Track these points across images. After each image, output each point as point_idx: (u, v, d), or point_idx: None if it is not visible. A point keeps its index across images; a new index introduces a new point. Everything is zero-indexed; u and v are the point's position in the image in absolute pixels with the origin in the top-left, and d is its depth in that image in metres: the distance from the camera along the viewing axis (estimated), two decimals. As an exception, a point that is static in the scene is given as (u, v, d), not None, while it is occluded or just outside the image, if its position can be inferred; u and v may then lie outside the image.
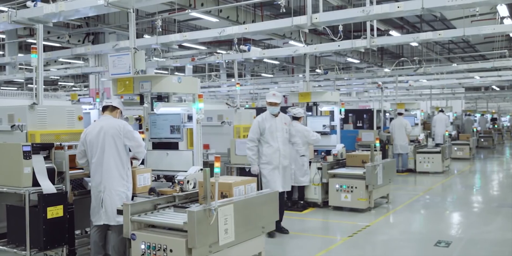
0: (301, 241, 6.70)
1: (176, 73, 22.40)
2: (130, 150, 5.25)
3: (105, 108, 5.35)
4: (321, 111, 10.34)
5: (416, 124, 15.28)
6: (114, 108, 5.31)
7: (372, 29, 9.68)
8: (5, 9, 6.98)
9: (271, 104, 6.82)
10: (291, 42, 14.90)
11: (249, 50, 10.44)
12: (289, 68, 26.05)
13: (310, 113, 10.03)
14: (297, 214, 8.30)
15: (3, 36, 16.80)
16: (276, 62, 22.97)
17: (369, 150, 8.58)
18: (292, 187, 8.56)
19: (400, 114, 13.67)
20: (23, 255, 5.11)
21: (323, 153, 9.28)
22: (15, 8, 6.49)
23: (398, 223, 7.96)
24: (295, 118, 8.55)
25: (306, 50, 10.40)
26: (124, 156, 5.12)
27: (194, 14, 11.44)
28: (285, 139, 6.91)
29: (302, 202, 8.65)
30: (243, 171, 7.99)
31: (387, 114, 15.28)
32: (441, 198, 10.16)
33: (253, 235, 4.88)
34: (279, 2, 7.17)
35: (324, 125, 9.38)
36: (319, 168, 8.60)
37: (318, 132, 8.83)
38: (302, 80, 20.01)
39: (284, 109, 9.54)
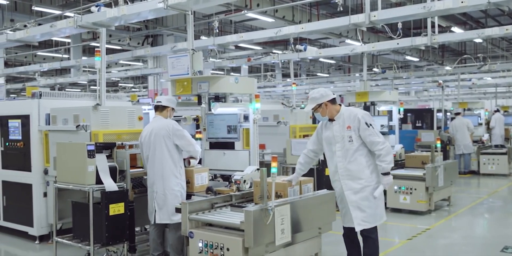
0: (358, 243, 6.57)
1: (232, 73, 22.63)
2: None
3: (156, 109, 5.48)
4: (378, 111, 10.13)
5: (480, 124, 14.66)
6: (164, 108, 5.42)
7: (433, 26, 9.36)
8: (71, 14, 7.28)
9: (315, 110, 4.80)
10: (348, 40, 14.69)
11: (305, 49, 10.37)
12: (345, 67, 25.72)
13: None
14: (354, 215, 8.16)
15: (69, 40, 17.58)
16: (332, 62, 22.74)
17: (429, 151, 8.32)
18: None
19: (457, 114, 13.17)
20: (87, 250, 5.34)
21: (380, 154, 9.08)
22: (80, 13, 6.77)
23: (460, 227, 7.66)
24: None
25: (363, 49, 10.21)
26: (176, 155, 5.23)
27: (250, 14, 11.52)
28: (349, 151, 4.66)
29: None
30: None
31: (448, 114, 14.75)
32: (507, 202, 9.68)
33: (310, 236, 4.84)
34: (336, 1, 7.08)
35: (382, 125, 9.17)
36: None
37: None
38: (359, 80, 19.72)
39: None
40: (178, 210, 4.58)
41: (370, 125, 4.58)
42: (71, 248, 5.71)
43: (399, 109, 9.42)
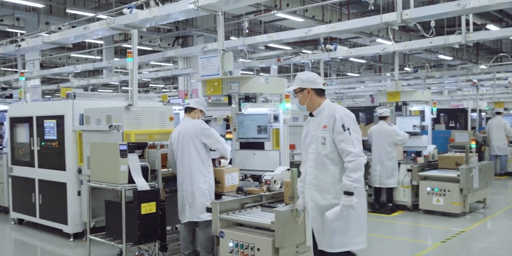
0: (389, 245, 6.49)
1: (261, 73, 22.64)
2: (212, 150, 5.38)
3: (185, 110, 5.56)
4: (410, 111, 9.97)
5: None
6: (192, 109, 5.47)
7: (467, 24, 9.15)
8: (104, 17, 7.40)
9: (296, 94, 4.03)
10: (379, 40, 14.51)
11: (335, 49, 10.29)
12: (376, 66, 25.40)
13: (399, 113, 9.72)
14: (385, 217, 8.06)
15: (101, 42, 17.91)
16: (363, 61, 22.49)
17: (463, 152, 8.13)
18: (380, 189, 8.37)
19: (498, 113, 12.83)
20: (119, 248, 5.42)
21: (413, 154, 8.95)
22: (113, 15, 6.88)
23: (496, 230, 7.45)
24: (382, 118, 8.36)
25: (395, 48, 10.06)
26: (204, 154, 5.27)
27: (280, 14, 11.49)
28: (320, 155, 3.82)
29: (390, 204, 8.39)
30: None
31: (483, 114, 14.38)
32: (545, 204, 9.39)
33: (340, 237, 4.79)
34: (367, 0, 7.00)
35: (414, 125, 9.03)
36: (408, 170, 8.30)
37: (407, 132, 8.54)
38: (390, 79, 19.44)
39: (371, 109, 9.35)
40: (208, 210, 4.61)
41: (348, 129, 3.70)
42: (104, 245, 5.81)
43: (432, 109, 9.26)
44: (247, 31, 9.04)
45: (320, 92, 3.93)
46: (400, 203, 8.45)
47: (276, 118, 5.81)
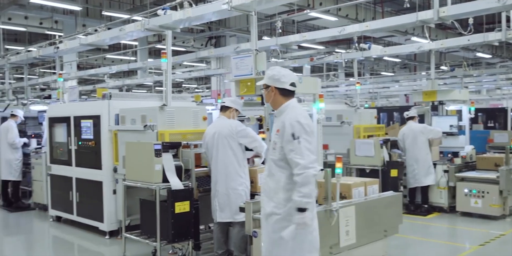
0: (425, 247, 6.37)
1: (294, 73, 22.52)
2: (247, 149, 5.38)
3: (220, 109, 5.58)
4: (447, 110, 9.75)
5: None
6: (227, 108, 5.49)
7: (508, 20, 8.86)
8: (139, 18, 7.51)
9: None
10: (414, 38, 14.24)
11: (369, 48, 10.14)
12: (411, 65, 24.96)
13: (435, 113, 9.53)
14: (421, 218, 7.91)
15: (136, 43, 18.20)
16: (397, 60, 22.13)
17: (502, 153, 7.90)
18: (415, 189, 8.23)
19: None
20: (154, 246, 5.49)
21: (449, 155, 8.76)
22: (147, 17, 6.97)
23: (538, 234, 7.22)
24: (409, 118, 8.36)
25: (431, 46, 9.83)
26: (240, 155, 5.27)
27: (313, 14, 11.42)
28: (270, 160, 3.68)
29: (426, 206, 8.23)
30: (363, 172, 7.81)
31: (525, 113, 13.92)
32: None
33: (375, 238, 4.74)
34: (402, -3, 6.88)
35: (451, 125, 8.84)
36: (445, 171, 8.13)
37: (444, 132, 8.39)
38: (425, 78, 19.05)
39: (406, 109, 9.19)
40: (242, 210, 4.61)
41: (298, 138, 3.39)
42: (138, 243, 5.89)
43: (469, 109, 9.06)
44: (280, 30, 9.01)
45: (286, 92, 3.66)
46: (436, 205, 8.28)
47: (309, 118, 5.76)
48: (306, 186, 3.35)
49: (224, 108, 5.52)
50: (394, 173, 7.59)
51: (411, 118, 8.43)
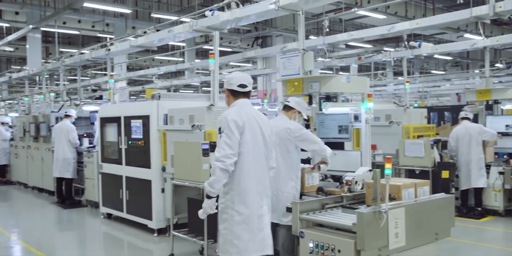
0: (478, 251, 6.15)
1: (340, 72, 22.32)
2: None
3: (283, 107, 5.32)
4: (502, 110, 9.38)
5: None
6: (290, 108, 5.22)
7: None
8: (187, 20, 7.61)
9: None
10: (467, 35, 13.79)
11: (419, 46, 9.89)
12: (463, 63, 24.19)
13: (490, 112, 9.19)
14: (474, 222, 7.64)
15: (183, 44, 18.50)
16: (449, 58, 21.51)
17: None
18: (467, 192, 7.97)
19: None
20: (201, 245, 5.55)
21: (505, 156, 8.42)
22: (195, 18, 7.06)
23: None
24: (465, 118, 8.11)
25: (486, 43, 9.47)
26: (295, 158, 5.11)
27: (361, 12, 11.27)
28: None
29: (479, 209, 7.94)
30: (412, 173, 7.63)
31: None
32: None
33: (426, 241, 4.59)
34: (455, -7, 6.67)
35: (507, 125, 8.51)
36: (500, 173, 7.82)
37: (499, 133, 8.10)
38: (479, 76, 18.41)
39: (458, 108, 8.91)
40: (288, 210, 4.58)
41: (222, 132, 3.75)
42: (186, 241, 5.97)
43: (527, 108, 8.68)
44: (327, 30, 8.92)
45: (236, 93, 3.97)
46: (490, 208, 7.98)
47: (356, 117, 5.68)
48: (212, 176, 3.73)
49: (287, 108, 5.24)
50: (445, 174, 7.37)
51: (466, 117, 8.19)
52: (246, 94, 4.03)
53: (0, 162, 13.60)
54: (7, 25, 17.09)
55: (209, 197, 3.80)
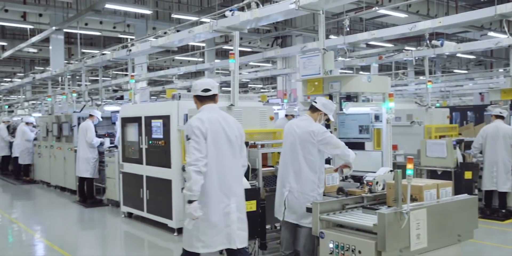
0: (502, 254, 6.04)
1: (361, 72, 22.17)
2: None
3: (310, 107, 5.23)
4: (527, 110, 9.19)
5: None
6: (316, 110, 5.14)
7: None
8: (207, 20, 7.63)
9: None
10: (490, 33, 13.56)
11: (442, 45, 9.75)
12: (486, 62, 23.81)
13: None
14: (498, 223, 7.50)
15: (203, 45, 18.58)
16: (472, 57, 21.19)
17: None
18: (491, 193, 7.82)
19: None
20: (221, 244, 5.54)
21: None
22: (215, 18, 7.08)
23: None
24: (498, 117, 7.88)
25: (510, 41, 9.29)
26: (317, 161, 5.05)
27: (382, 11, 11.17)
28: None
29: (503, 210, 7.79)
30: (434, 174, 7.53)
31: None
32: None
33: (448, 243, 4.53)
34: (479, -9, 6.57)
35: (532, 126, 8.31)
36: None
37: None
38: (503, 75, 18.10)
39: (481, 108, 8.76)
40: (309, 210, 4.57)
41: (189, 138, 4.00)
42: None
43: (554, 108, 8.47)
44: (348, 29, 8.87)
45: (201, 98, 4.24)
46: (515, 210, 7.83)
47: (377, 117, 5.63)
48: (188, 181, 3.90)
49: (313, 108, 5.17)
50: (468, 175, 7.25)
51: (501, 117, 7.87)
52: (212, 99, 4.25)
53: (24, 162, 13.86)
54: (31, 27, 17.39)
55: (190, 201, 3.91)
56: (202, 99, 4.24)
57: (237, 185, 4.27)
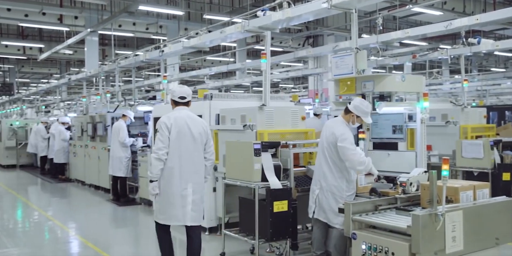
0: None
1: (393, 71, 21.85)
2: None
3: (345, 108, 5.24)
4: None
5: None
6: (348, 111, 5.15)
7: None
8: (239, 20, 7.64)
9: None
10: (529, 30, 13.16)
11: (479, 43, 9.48)
12: (525, 60, 23.13)
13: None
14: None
15: (234, 45, 18.65)
16: (510, 55, 20.61)
17: None
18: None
19: None
20: (252, 244, 5.57)
21: None
22: (247, 18, 7.08)
23: None
24: None
25: (550, 38, 9.00)
26: (343, 163, 5.06)
27: (416, 9, 10.96)
28: None
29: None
30: (470, 175, 7.34)
31: None
32: None
33: (485, 246, 4.42)
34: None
35: None
36: None
37: None
38: (543, 74, 17.53)
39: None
40: (341, 210, 4.52)
41: (157, 131, 5.01)
42: (237, 241, 6.00)
43: None
44: (381, 27, 8.73)
45: (177, 103, 5.19)
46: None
47: (410, 117, 5.53)
48: (150, 165, 5.01)
49: (346, 110, 5.19)
50: (506, 176, 7.04)
51: None
52: (186, 104, 5.19)
53: (59, 161, 14.21)
54: (67, 29, 17.81)
55: (151, 181, 4.95)
56: (178, 103, 5.17)
57: (196, 174, 5.06)
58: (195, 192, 5.02)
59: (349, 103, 5.15)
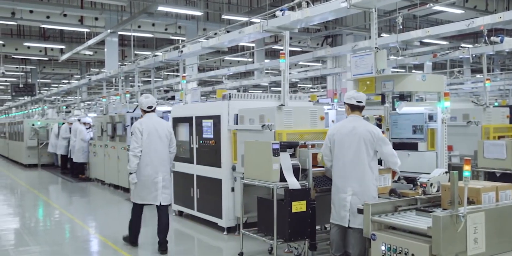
0: None
1: (413, 71, 21.62)
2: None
3: (355, 108, 5.22)
4: None
5: None
6: (355, 108, 5.16)
7: None
8: (257, 20, 7.63)
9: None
10: (553, 29, 12.89)
11: (501, 41, 9.31)
12: (549, 59, 22.67)
13: None
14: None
15: (253, 45, 18.65)
16: (533, 54, 20.21)
17: None
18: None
19: None
20: (270, 244, 5.56)
21: None
22: (265, 18, 7.07)
23: None
24: None
25: None
26: (375, 161, 5.05)
27: (437, 7, 10.82)
28: None
29: None
30: (492, 176, 7.21)
31: None
32: None
33: (508, 249, 4.33)
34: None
35: None
36: None
37: None
38: None
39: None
40: (360, 211, 4.48)
41: (132, 134, 6.38)
42: (255, 241, 6.00)
43: None
44: (401, 27, 8.64)
45: (146, 111, 6.52)
46: None
47: (431, 117, 5.46)
48: (129, 161, 6.33)
49: (361, 108, 5.20)
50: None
51: None
52: (153, 111, 6.53)
53: (78, 160, 14.38)
54: (87, 30, 18.02)
55: (130, 173, 6.27)
56: (146, 111, 6.48)
57: (163, 165, 6.41)
58: (164, 179, 6.38)
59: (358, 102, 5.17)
